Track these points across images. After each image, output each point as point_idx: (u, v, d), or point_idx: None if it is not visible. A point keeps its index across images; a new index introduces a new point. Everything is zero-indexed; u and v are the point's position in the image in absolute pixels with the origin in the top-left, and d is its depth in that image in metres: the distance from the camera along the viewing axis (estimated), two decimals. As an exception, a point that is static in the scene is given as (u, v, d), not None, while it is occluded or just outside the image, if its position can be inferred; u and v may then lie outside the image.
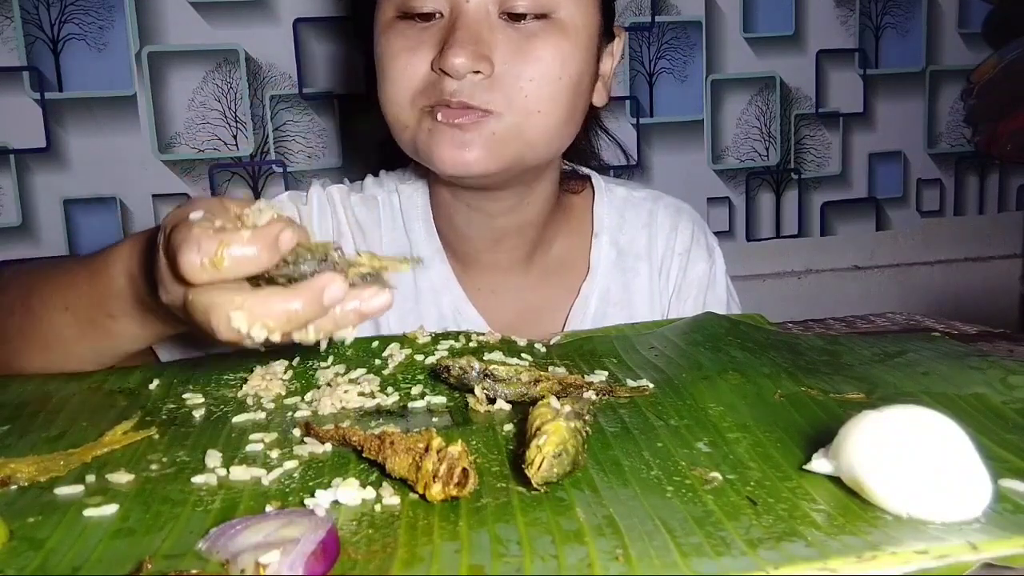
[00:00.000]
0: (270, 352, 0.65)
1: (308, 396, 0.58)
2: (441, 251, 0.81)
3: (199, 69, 1.25)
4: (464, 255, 0.81)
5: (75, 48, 1.20)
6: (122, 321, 0.61)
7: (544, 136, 0.70)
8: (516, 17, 0.67)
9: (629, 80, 1.41)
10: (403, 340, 0.68)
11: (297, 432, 0.51)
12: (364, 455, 0.45)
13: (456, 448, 0.41)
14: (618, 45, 0.80)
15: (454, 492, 0.40)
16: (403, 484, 0.43)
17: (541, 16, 0.68)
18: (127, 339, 0.63)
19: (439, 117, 0.67)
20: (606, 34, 0.76)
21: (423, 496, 0.41)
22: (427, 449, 0.41)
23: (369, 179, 0.86)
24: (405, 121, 0.70)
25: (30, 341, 0.65)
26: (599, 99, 0.78)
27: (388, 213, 0.83)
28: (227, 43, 1.25)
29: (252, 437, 0.51)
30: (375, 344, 0.67)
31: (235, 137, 1.28)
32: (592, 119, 0.86)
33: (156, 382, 0.62)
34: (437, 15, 0.68)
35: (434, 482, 0.40)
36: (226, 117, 1.27)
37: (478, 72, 0.66)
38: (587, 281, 0.83)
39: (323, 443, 0.49)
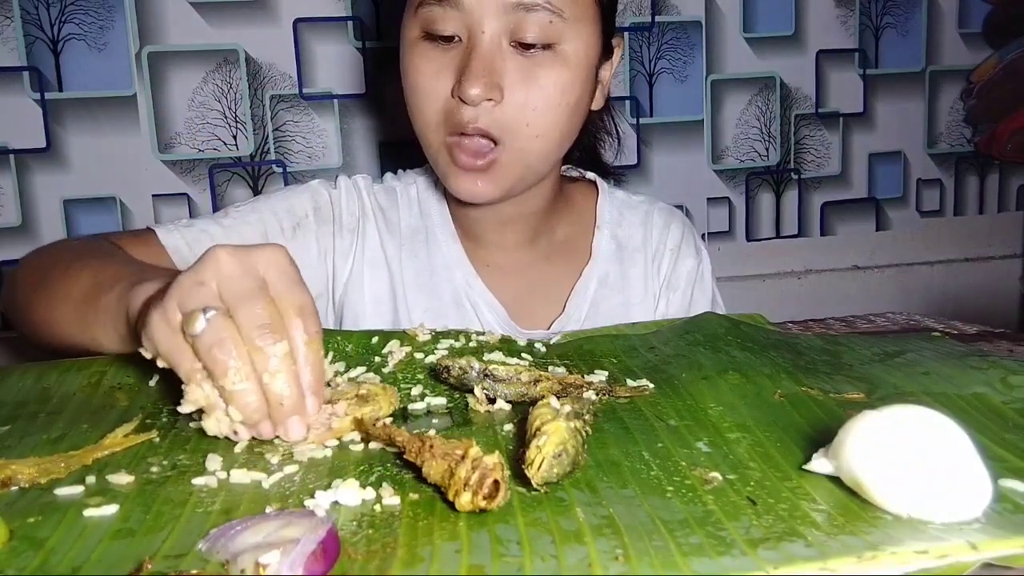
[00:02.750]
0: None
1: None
2: (454, 233, 0.90)
3: (199, 69, 1.25)
4: (475, 236, 0.90)
5: (75, 48, 1.20)
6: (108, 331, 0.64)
7: (543, 157, 0.81)
8: (525, 47, 0.76)
9: (629, 80, 1.41)
10: (403, 337, 0.68)
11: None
12: (405, 456, 0.44)
13: (492, 459, 0.40)
14: (616, 55, 0.87)
15: (482, 504, 0.39)
16: (403, 485, 0.44)
17: (547, 47, 0.76)
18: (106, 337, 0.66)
19: (459, 159, 0.78)
20: (605, 50, 0.83)
21: (452, 505, 0.40)
22: (463, 456, 0.40)
23: (388, 175, 0.96)
24: (431, 140, 0.80)
25: (53, 294, 0.70)
26: (596, 104, 0.87)
27: (405, 201, 0.92)
28: (227, 43, 1.25)
29: (252, 441, 0.51)
30: (374, 340, 0.67)
31: (235, 137, 1.28)
32: (598, 119, 0.95)
33: (156, 377, 0.62)
34: (456, 39, 0.77)
35: (464, 490, 0.39)
36: (226, 117, 1.27)
37: (490, 100, 0.75)
38: (589, 266, 0.92)
39: (369, 441, 0.49)
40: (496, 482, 0.39)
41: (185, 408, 0.49)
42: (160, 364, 0.50)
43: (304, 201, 0.88)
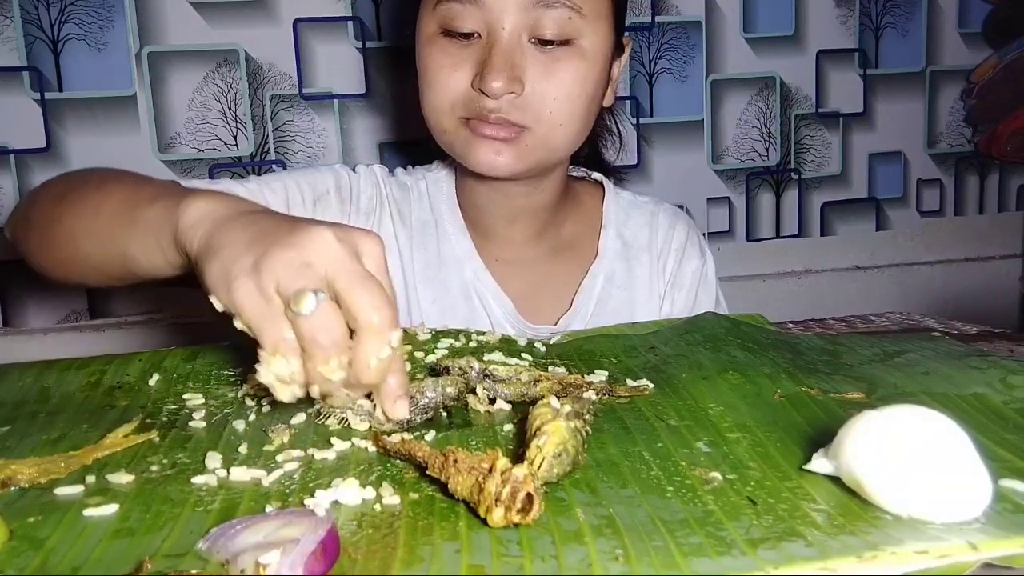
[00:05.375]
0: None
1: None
2: (463, 227, 0.91)
3: (199, 69, 1.25)
4: (484, 230, 0.91)
5: (75, 48, 1.20)
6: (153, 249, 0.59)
7: (564, 143, 0.82)
8: (544, 43, 0.77)
9: (629, 80, 1.41)
10: (403, 336, 0.68)
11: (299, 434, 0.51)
12: (428, 472, 0.43)
13: (522, 470, 0.38)
14: (627, 52, 0.89)
15: (517, 519, 0.37)
16: (403, 484, 0.43)
17: (565, 42, 0.78)
18: (145, 253, 0.61)
19: (480, 131, 0.78)
20: (616, 47, 0.85)
21: (484, 520, 0.38)
22: (491, 470, 0.39)
23: (398, 170, 0.96)
24: (445, 127, 0.81)
25: (78, 214, 0.66)
26: (608, 100, 0.88)
27: (416, 194, 0.93)
28: (227, 43, 1.25)
29: (252, 439, 0.51)
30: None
31: (235, 137, 1.27)
32: (601, 116, 0.95)
33: (156, 376, 0.62)
34: (475, 35, 0.77)
35: (496, 506, 0.37)
36: (226, 117, 1.27)
37: (511, 92, 0.76)
38: (596, 263, 0.93)
39: (388, 455, 0.48)
40: (529, 495, 0.38)
41: (263, 377, 0.47)
42: (237, 324, 0.48)
43: (327, 178, 0.89)
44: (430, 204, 0.92)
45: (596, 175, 0.98)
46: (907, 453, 0.38)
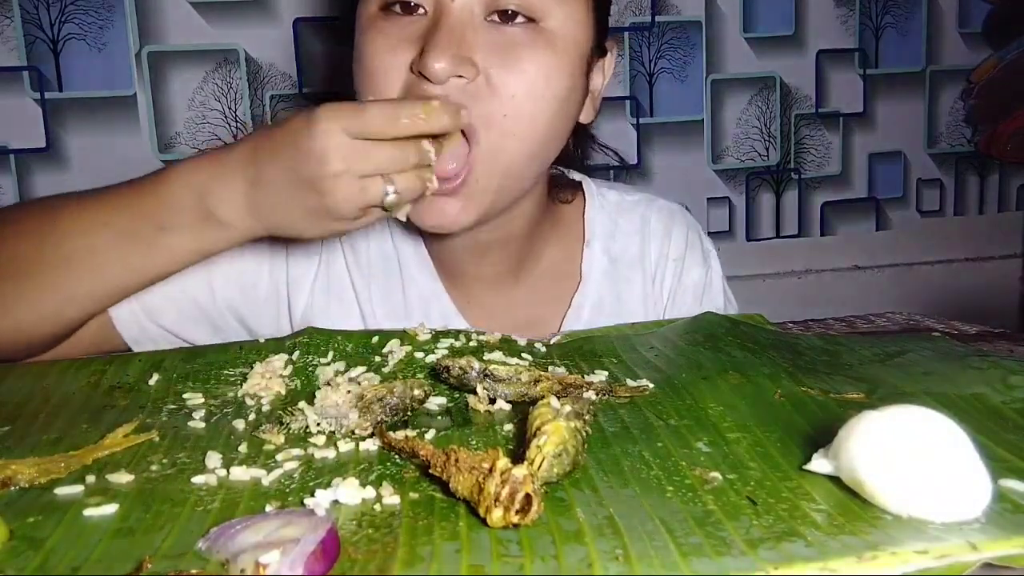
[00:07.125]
0: (269, 348, 0.65)
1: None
2: (430, 264, 0.79)
3: (199, 69, 1.25)
4: (451, 268, 0.79)
5: (75, 48, 1.20)
6: (175, 234, 0.63)
7: (522, 163, 0.68)
8: (504, 18, 0.64)
9: (629, 80, 1.41)
10: (403, 336, 0.68)
11: (300, 434, 0.51)
12: (431, 471, 0.43)
13: (521, 471, 0.38)
14: (610, 61, 0.77)
15: (515, 519, 0.37)
16: (403, 484, 0.43)
17: (529, 20, 0.65)
18: (175, 254, 0.64)
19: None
20: (598, 48, 0.73)
21: (484, 520, 0.38)
22: (491, 470, 0.39)
23: None
24: None
25: (53, 265, 0.64)
26: (586, 116, 0.75)
27: (376, 228, 0.79)
28: (227, 43, 1.25)
29: (252, 439, 0.51)
30: (375, 340, 0.67)
31: (235, 137, 1.28)
32: (582, 134, 0.82)
33: (156, 376, 0.62)
34: (420, 10, 0.65)
35: (495, 506, 0.37)
36: (226, 117, 1.27)
37: (461, 76, 0.63)
38: (579, 291, 0.81)
39: (391, 451, 0.48)
40: (528, 496, 0.37)
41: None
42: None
43: None
44: (391, 237, 0.79)
45: (576, 175, 0.85)
46: (907, 453, 0.38)
